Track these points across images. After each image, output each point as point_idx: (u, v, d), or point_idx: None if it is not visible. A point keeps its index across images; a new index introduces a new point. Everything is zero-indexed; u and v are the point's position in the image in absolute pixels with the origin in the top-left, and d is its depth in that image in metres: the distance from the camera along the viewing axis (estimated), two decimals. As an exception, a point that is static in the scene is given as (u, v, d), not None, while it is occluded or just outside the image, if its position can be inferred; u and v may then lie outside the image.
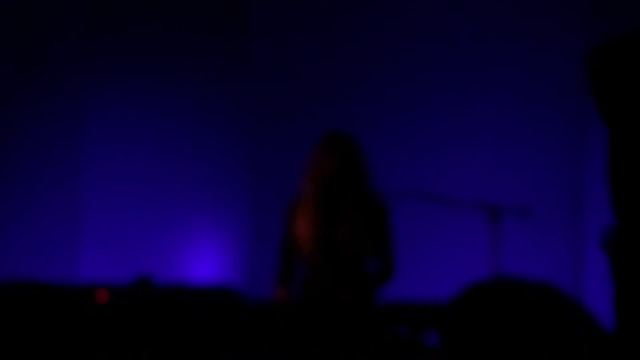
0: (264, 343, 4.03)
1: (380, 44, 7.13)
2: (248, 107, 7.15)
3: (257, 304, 4.37)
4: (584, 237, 6.64)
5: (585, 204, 6.65)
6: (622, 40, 2.78)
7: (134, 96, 7.10)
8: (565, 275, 6.43)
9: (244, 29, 7.16)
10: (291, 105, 7.14)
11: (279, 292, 4.89)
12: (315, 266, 4.83)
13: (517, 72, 6.94)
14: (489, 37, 6.98)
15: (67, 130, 7.09)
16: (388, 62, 7.10)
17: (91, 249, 6.82)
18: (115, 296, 3.20)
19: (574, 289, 6.28)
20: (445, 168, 6.90)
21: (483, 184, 6.60)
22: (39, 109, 7.12)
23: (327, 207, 4.85)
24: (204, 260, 6.86)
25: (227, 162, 7.07)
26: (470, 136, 6.96)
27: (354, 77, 7.12)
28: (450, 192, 5.37)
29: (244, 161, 7.09)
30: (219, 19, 7.13)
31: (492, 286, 1.73)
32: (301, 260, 4.92)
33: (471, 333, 1.66)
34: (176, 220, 6.93)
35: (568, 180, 6.81)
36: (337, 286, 4.80)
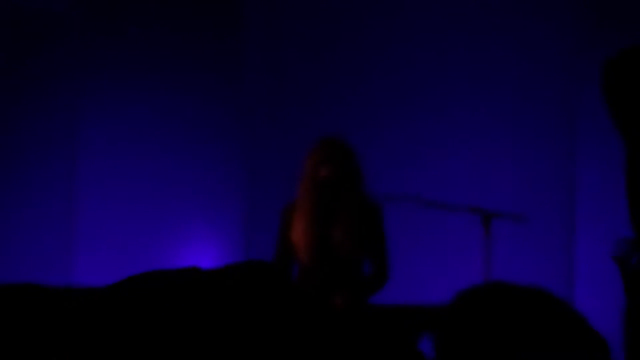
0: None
1: (376, 52, 7.14)
2: (244, 113, 7.15)
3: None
4: (576, 244, 6.66)
5: (577, 210, 6.68)
6: (637, 51, 2.79)
7: (130, 97, 7.10)
8: (557, 280, 6.45)
9: (238, 33, 7.17)
10: (287, 110, 7.15)
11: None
12: (310, 270, 4.84)
13: (510, 81, 6.96)
14: (483, 47, 7.00)
15: (64, 131, 7.08)
16: (386, 71, 7.11)
17: (87, 251, 6.81)
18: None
19: (565, 295, 6.30)
20: (441, 174, 6.91)
21: (477, 191, 6.62)
22: (35, 110, 7.11)
23: (323, 211, 4.86)
24: (200, 262, 6.86)
25: (223, 165, 7.07)
26: (465, 144, 6.98)
27: (350, 84, 7.13)
28: (445, 198, 5.39)
29: (240, 165, 7.09)
30: (213, 24, 7.13)
31: (487, 291, 1.73)
32: (297, 264, 4.94)
33: (466, 338, 1.66)
34: (172, 222, 6.92)
35: (561, 187, 6.84)
36: (332, 289, 4.82)
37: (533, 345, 1.64)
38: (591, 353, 1.67)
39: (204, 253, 6.91)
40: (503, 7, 6.98)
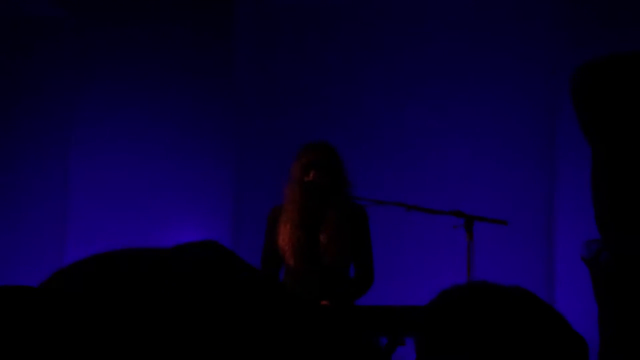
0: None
1: (366, 58, 7.15)
2: (234, 115, 7.15)
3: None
4: (555, 246, 6.70)
5: (556, 214, 6.72)
6: (607, 61, 2.83)
7: (123, 100, 7.09)
8: (538, 282, 6.48)
9: (229, 35, 7.16)
10: (277, 113, 7.15)
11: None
12: (297, 273, 4.86)
13: (493, 91, 7.00)
14: (469, 56, 7.03)
15: (57, 131, 7.08)
16: (375, 78, 7.12)
17: (80, 251, 6.80)
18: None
19: (545, 296, 6.34)
20: (426, 180, 6.94)
21: (461, 196, 6.65)
22: (31, 112, 7.12)
23: (309, 215, 4.87)
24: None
25: (213, 167, 7.06)
26: (450, 151, 7.02)
27: (339, 89, 7.14)
28: (429, 203, 5.41)
29: (229, 167, 7.08)
30: (205, 28, 7.13)
31: (468, 291, 1.73)
32: (284, 268, 4.95)
33: (446, 337, 1.66)
34: (163, 223, 6.89)
35: (540, 192, 6.87)
36: (319, 293, 4.82)
37: (513, 345, 1.64)
38: (570, 353, 1.68)
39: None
40: (487, 20, 7.02)
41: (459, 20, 7.04)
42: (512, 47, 6.92)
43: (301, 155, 4.91)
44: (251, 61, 7.21)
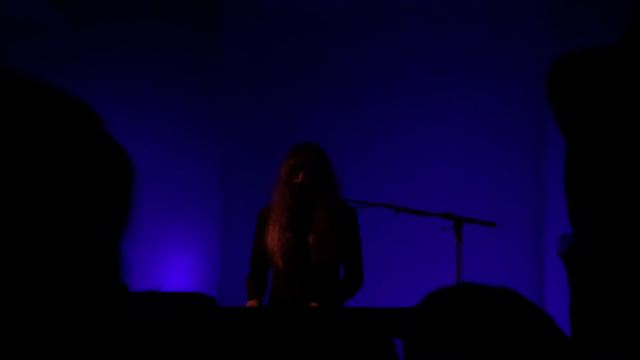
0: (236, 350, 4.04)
1: (356, 60, 7.16)
2: (223, 117, 7.16)
3: (231, 310, 4.40)
4: (545, 247, 6.71)
5: (546, 217, 6.73)
6: (582, 55, 2.86)
7: (110, 99, 7.10)
8: (528, 283, 6.49)
9: (219, 33, 7.18)
10: (266, 115, 7.16)
11: (251, 304, 4.87)
12: (286, 275, 4.85)
13: (486, 93, 7.02)
14: (464, 57, 7.04)
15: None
16: (366, 78, 7.13)
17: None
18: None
19: (536, 297, 6.36)
20: (416, 182, 6.95)
21: (451, 199, 6.66)
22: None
23: (298, 216, 4.87)
24: (177, 272, 6.84)
25: (201, 168, 7.06)
26: (440, 153, 7.03)
27: (329, 91, 7.16)
28: (420, 205, 5.42)
29: (218, 168, 7.09)
30: (195, 26, 7.14)
31: (455, 292, 1.72)
32: (273, 270, 4.94)
33: (433, 339, 1.66)
34: (150, 226, 6.91)
35: (530, 193, 6.89)
36: (308, 295, 4.82)
37: (500, 346, 1.64)
38: (558, 355, 1.67)
39: (181, 256, 6.90)
40: (481, 23, 7.03)
41: (457, 21, 7.04)
42: (512, 47, 6.93)
43: (290, 157, 4.90)
44: (242, 61, 7.22)
